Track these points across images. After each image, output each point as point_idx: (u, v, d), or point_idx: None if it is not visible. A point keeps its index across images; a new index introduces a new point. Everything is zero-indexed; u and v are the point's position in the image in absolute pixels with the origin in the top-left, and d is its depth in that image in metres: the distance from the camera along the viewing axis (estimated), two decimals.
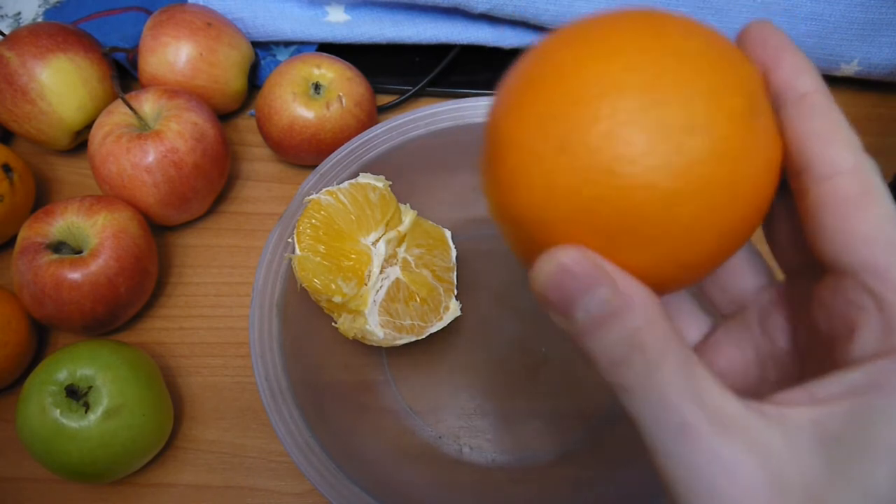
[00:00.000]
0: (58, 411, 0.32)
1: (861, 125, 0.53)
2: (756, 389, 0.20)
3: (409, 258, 0.38)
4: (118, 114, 0.40)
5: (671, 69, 0.16)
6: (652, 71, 0.16)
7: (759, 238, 0.20)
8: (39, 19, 0.52)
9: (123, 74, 0.48)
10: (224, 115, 0.48)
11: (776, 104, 0.17)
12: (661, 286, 0.17)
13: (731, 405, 0.15)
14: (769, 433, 0.15)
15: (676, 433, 0.15)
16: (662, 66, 0.16)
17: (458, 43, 0.48)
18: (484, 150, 0.19)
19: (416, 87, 0.48)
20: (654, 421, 0.16)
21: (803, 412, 0.15)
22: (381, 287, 0.36)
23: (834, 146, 0.16)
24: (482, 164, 0.19)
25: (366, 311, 0.35)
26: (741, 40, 0.19)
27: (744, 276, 0.21)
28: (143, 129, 0.40)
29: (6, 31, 0.46)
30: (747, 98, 0.16)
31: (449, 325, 0.37)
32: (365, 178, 0.37)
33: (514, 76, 0.19)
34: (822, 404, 0.15)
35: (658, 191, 0.15)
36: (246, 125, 0.48)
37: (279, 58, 0.49)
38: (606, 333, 0.16)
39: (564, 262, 0.16)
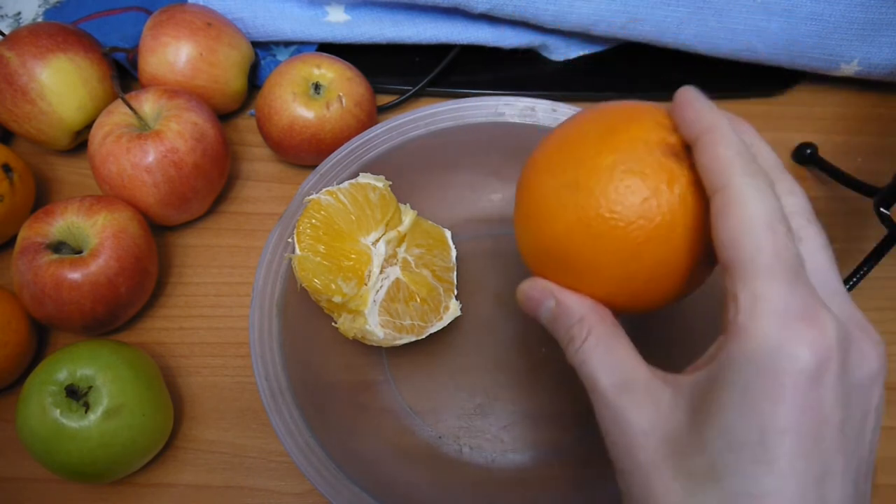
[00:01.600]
0: (58, 411, 0.32)
1: (861, 125, 0.53)
2: None
3: (409, 258, 0.38)
4: (118, 114, 0.40)
5: (586, 156, 0.24)
6: (571, 162, 0.25)
7: None
8: (39, 19, 0.52)
9: (123, 74, 0.48)
10: (224, 115, 0.48)
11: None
12: (623, 308, 0.25)
13: (639, 373, 0.23)
14: (661, 393, 0.22)
15: (595, 395, 0.23)
16: (582, 156, 0.25)
17: (458, 43, 0.48)
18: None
19: (416, 87, 0.48)
20: (588, 388, 0.24)
21: (685, 377, 0.22)
22: (381, 287, 0.36)
23: (713, 171, 0.22)
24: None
25: (366, 311, 0.35)
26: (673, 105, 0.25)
27: None
28: (143, 129, 0.40)
29: (6, 31, 0.46)
30: (645, 155, 0.24)
31: (449, 325, 0.37)
32: (365, 178, 0.37)
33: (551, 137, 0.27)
34: (694, 371, 0.22)
35: (572, 240, 0.24)
36: (246, 125, 0.49)
37: (279, 58, 0.49)
38: (554, 328, 0.26)
39: (524, 288, 0.27)
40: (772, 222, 0.21)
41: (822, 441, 0.19)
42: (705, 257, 0.24)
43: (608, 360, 0.23)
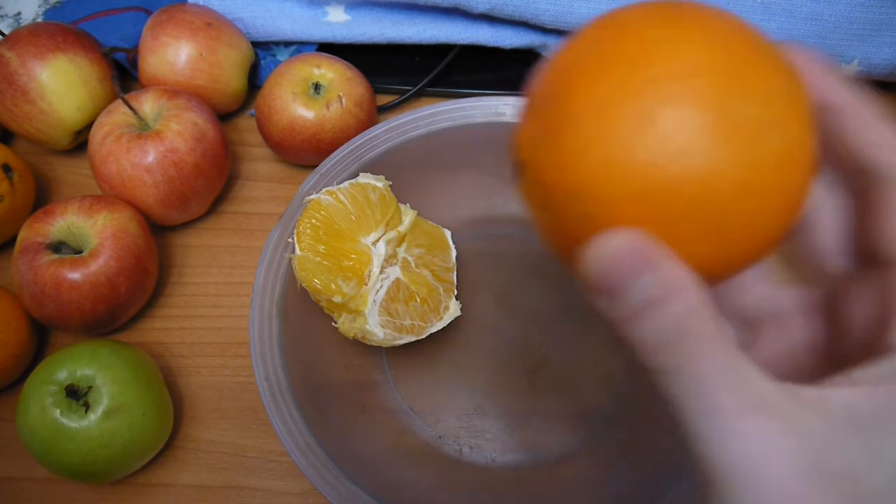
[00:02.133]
0: (58, 411, 0.32)
1: None
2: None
3: (409, 258, 0.38)
4: (118, 114, 0.40)
5: (749, 65, 0.16)
6: (731, 63, 0.16)
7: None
8: (39, 19, 0.52)
9: (123, 74, 0.48)
10: (224, 115, 0.48)
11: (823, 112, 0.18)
12: (710, 278, 0.17)
13: (769, 389, 0.16)
14: (805, 415, 0.15)
15: (713, 416, 0.15)
16: (742, 60, 0.16)
17: (458, 43, 0.48)
18: (537, 116, 0.18)
19: (416, 87, 0.48)
20: (693, 405, 0.16)
21: (840, 395, 0.15)
22: (381, 287, 0.36)
23: (876, 147, 0.18)
24: (530, 131, 0.18)
25: (366, 311, 0.35)
26: None
27: (761, 284, 0.22)
28: (143, 129, 0.40)
29: (6, 31, 0.46)
30: (809, 105, 0.17)
31: (449, 325, 0.37)
32: (365, 178, 0.37)
33: (588, 38, 0.18)
34: (859, 389, 0.16)
35: (728, 182, 0.16)
36: (246, 125, 0.48)
37: (279, 58, 0.49)
38: (654, 316, 0.16)
39: (621, 245, 0.16)
40: None
41: None
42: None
43: (730, 367, 0.16)
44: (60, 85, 0.42)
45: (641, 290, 0.16)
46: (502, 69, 0.50)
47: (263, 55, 0.50)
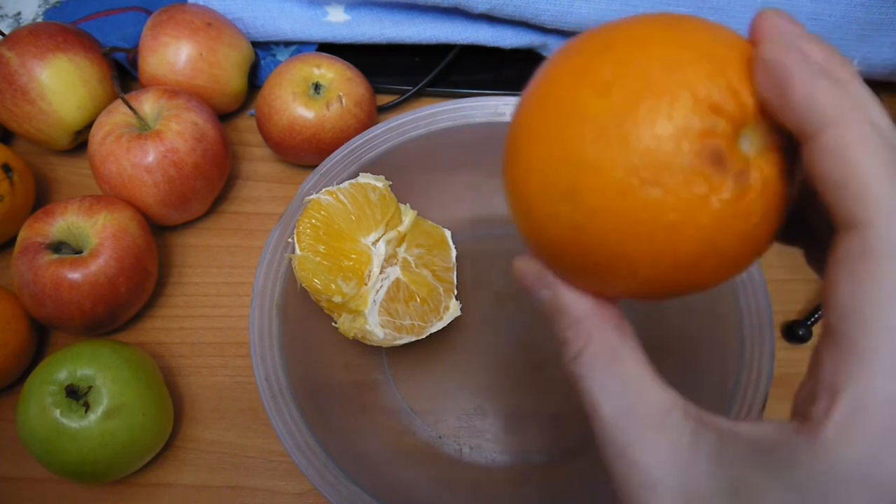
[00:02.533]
0: (58, 411, 0.32)
1: None
2: None
3: (409, 258, 0.38)
4: (118, 114, 0.40)
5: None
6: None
7: None
8: (39, 19, 0.52)
9: (123, 74, 0.48)
10: (224, 115, 0.48)
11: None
12: (616, 297, 0.20)
13: (652, 399, 0.18)
14: (681, 431, 0.17)
15: (594, 422, 0.18)
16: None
17: (458, 43, 0.48)
18: (511, 132, 0.20)
19: (416, 87, 0.48)
20: (586, 409, 0.19)
21: (727, 424, 0.17)
22: (381, 287, 0.36)
23: (849, 199, 0.15)
24: (508, 141, 0.20)
25: (366, 311, 0.35)
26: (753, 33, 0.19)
27: None
28: (143, 129, 0.40)
29: (6, 31, 0.46)
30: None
31: (449, 325, 0.37)
32: (365, 178, 0.37)
33: (530, 100, 0.20)
34: (743, 422, 0.16)
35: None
36: (246, 125, 0.48)
37: (279, 58, 0.49)
38: (550, 322, 0.20)
39: (519, 266, 0.21)
40: None
41: None
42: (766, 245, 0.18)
43: (611, 378, 0.18)
44: (60, 85, 0.42)
45: (540, 301, 0.20)
46: (502, 69, 0.50)
47: (263, 55, 0.50)
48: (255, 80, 0.48)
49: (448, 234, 0.40)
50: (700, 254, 0.17)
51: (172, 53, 0.43)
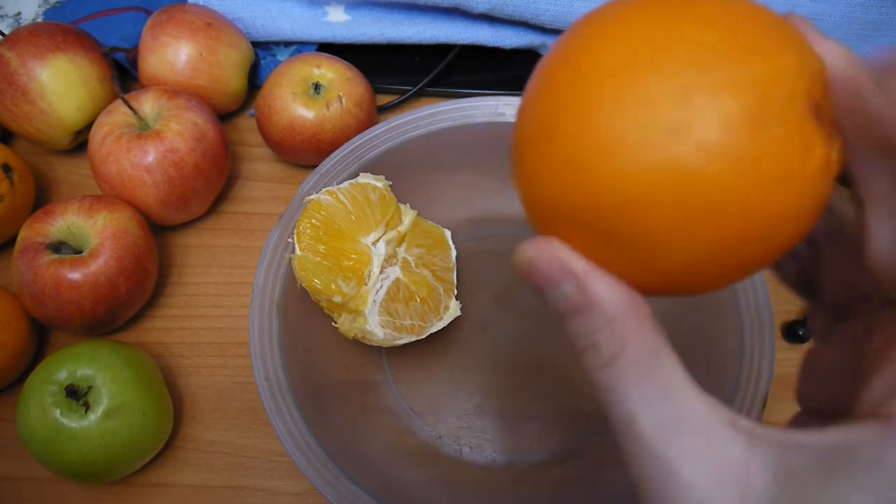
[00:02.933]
0: (58, 411, 0.32)
1: None
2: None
3: (409, 258, 0.38)
4: (118, 114, 0.40)
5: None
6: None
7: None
8: (39, 19, 0.52)
9: (123, 74, 0.48)
10: (224, 115, 0.48)
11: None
12: (647, 289, 0.17)
13: (696, 409, 0.15)
14: (730, 443, 0.15)
15: (629, 437, 0.16)
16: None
17: (458, 43, 0.48)
18: (521, 123, 0.18)
19: (416, 87, 0.48)
20: (616, 423, 0.16)
21: (777, 434, 0.15)
22: (381, 287, 0.36)
23: None
24: (518, 134, 0.18)
25: (366, 311, 0.35)
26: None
27: None
28: (143, 129, 0.40)
29: (6, 31, 0.46)
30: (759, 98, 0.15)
31: (449, 325, 0.37)
32: (365, 178, 0.37)
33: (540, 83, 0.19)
34: (796, 432, 0.15)
35: (648, 196, 0.15)
36: (246, 125, 0.48)
37: (279, 58, 0.49)
38: (571, 324, 0.17)
39: (530, 254, 0.17)
40: None
41: None
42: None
43: (652, 389, 0.16)
44: (60, 85, 0.42)
45: (557, 298, 0.17)
46: (502, 69, 0.50)
47: (263, 55, 0.50)
48: (255, 80, 0.48)
49: (448, 234, 0.40)
50: (770, 220, 0.15)
51: (172, 53, 0.43)
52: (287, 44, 0.50)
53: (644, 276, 0.17)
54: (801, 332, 0.40)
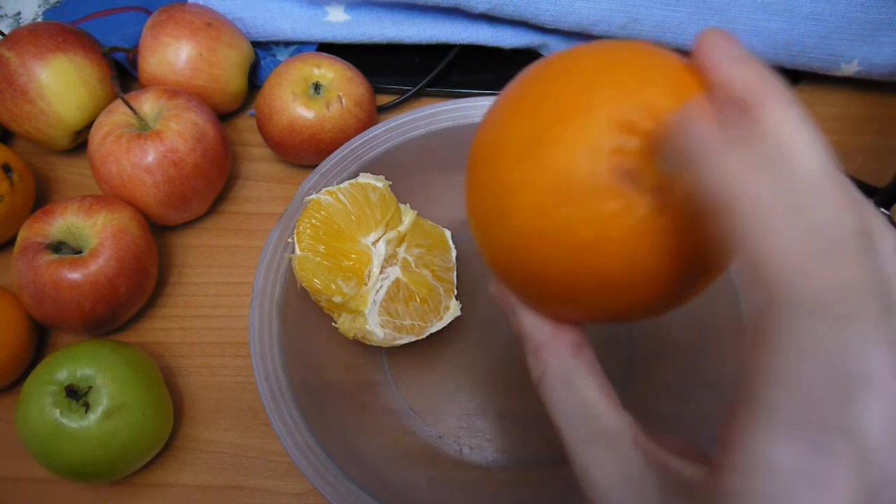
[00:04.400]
0: (58, 411, 0.32)
1: (861, 125, 0.53)
2: None
3: (409, 258, 0.38)
4: (118, 114, 0.40)
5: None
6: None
7: None
8: (39, 19, 0.52)
9: (123, 74, 0.48)
10: (224, 115, 0.48)
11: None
12: (575, 320, 0.20)
13: (608, 423, 0.19)
14: (631, 458, 0.18)
15: (560, 437, 0.20)
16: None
17: (458, 43, 0.48)
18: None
19: (416, 87, 0.48)
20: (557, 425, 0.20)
21: (671, 461, 0.17)
22: (380, 287, 0.36)
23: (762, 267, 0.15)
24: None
25: (366, 311, 0.35)
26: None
27: None
28: (143, 129, 0.40)
29: (6, 31, 0.46)
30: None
31: (449, 325, 0.37)
32: (365, 178, 0.37)
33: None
34: (683, 461, 0.17)
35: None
36: (246, 125, 0.48)
37: (279, 58, 0.49)
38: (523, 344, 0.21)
39: (492, 292, 0.22)
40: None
41: None
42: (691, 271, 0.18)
43: (568, 402, 0.20)
44: (60, 85, 0.42)
45: (512, 324, 0.21)
46: (502, 69, 0.50)
47: (263, 55, 0.50)
48: (255, 80, 0.48)
49: (448, 234, 0.40)
50: (628, 272, 0.17)
51: (172, 53, 0.43)
52: (287, 44, 0.50)
53: (563, 314, 0.20)
54: None
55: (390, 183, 0.37)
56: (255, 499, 0.36)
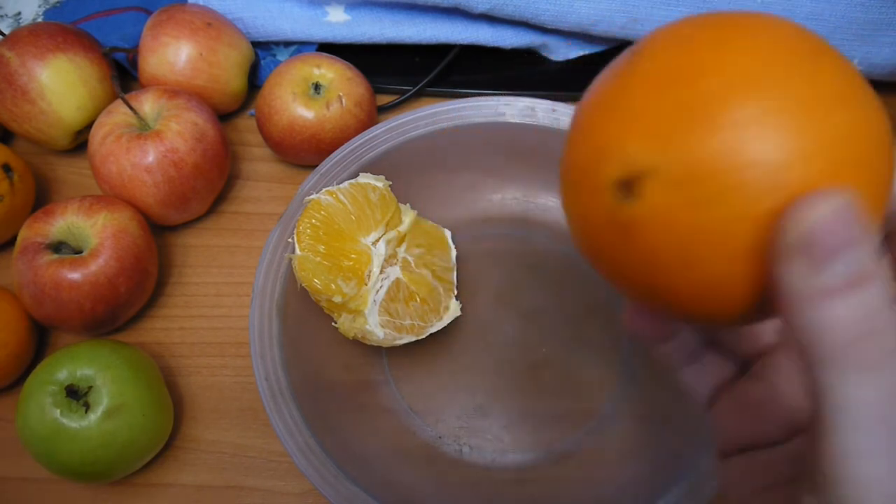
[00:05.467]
0: (58, 411, 0.32)
1: None
2: None
3: (409, 258, 0.38)
4: (118, 114, 0.40)
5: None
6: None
7: None
8: (39, 19, 0.52)
9: (123, 74, 0.48)
10: (224, 115, 0.48)
11: None
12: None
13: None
14: None
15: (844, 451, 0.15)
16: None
17: (458, 43, 0.48)
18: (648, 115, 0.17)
19: (416, 87, 0.48)
20: (832, 420, 0.15)
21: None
22: (381, 287, 0.36)
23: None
24: (646, 129, 0.17)
25: (366, 311, 0.35)
26: None
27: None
28: (143, 129, 0.40)
29: (6, 31, 0.46)
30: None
31: (449, 325, 0.37)
32: (365, 178, 0.37)
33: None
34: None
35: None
36: (246, 125, 0.48)
37: (279, 58, 0.49)
38: (850, 300, 0.14)
39: (842, 205, 0.14)
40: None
41: None
42: None
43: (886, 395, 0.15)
44: (60, 85, 0.42)
45: (850, 263, 0.14)
46: (502, 69, 0.50)
47: (263, 55, 0.50)
48: (255, 80, 0.48)
49: (448, 234, 0.40)
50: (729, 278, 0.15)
51: (172, 53, 0.43)
52: (287, 44, 0.50)
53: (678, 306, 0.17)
54: None
55: (390, 183, 0.37)
56: (255, 499, 0.36)
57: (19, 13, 0.53)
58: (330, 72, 0.43)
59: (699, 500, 0.30)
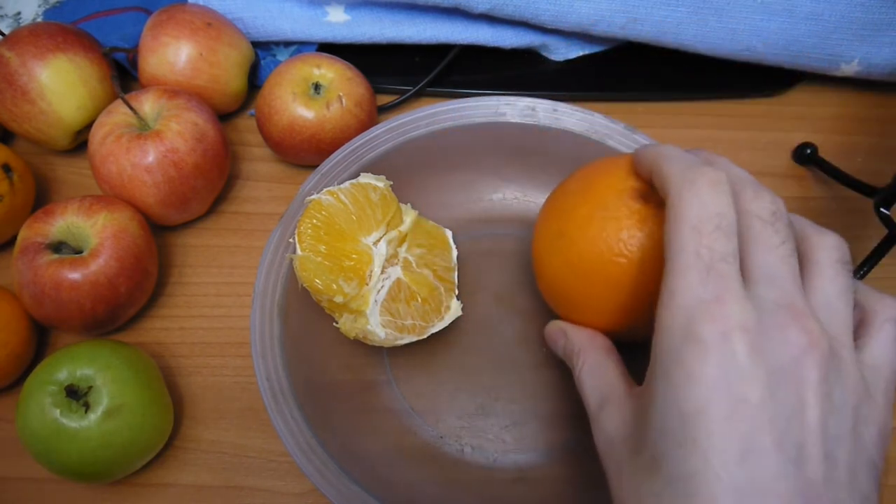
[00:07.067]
0: (58, 411, 0.32)
1: (861, 125, 0.53)
2: None
3: (411, 258, 0.38)
4: (118, 114, 0.40)
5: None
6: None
7: None
8: (39, 19, 0.52)
9: (123, 74, 0.48)
10: (224, 115, 0.48)
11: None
12: (617, 333, 0.31)
13: (618, 390, 0.26)
14: (628, 405, 0.25)
15: (587, 409, 0.28)
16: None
17: (458, 43, 0.48)
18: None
19: (416, 87, 0.48)
20: (583, 402, 0.29)
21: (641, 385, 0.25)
22: (382, 287, 0.36)
23: (661, 189, 0.26)
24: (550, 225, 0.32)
25: (367, 312, 0.35)
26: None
27: None
28: (143, 129, 0.40)
29: (6, 31, 0.46)
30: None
31: (450, 325, 0.37)
32: (366, 178, 0.37)
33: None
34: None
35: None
36: (246, 125, 0.48)
37: (279, 58, 0.49)
38: (566, 359, 0.31)
39: (546, 331, 0.33)
40: (699, 224, 0.22)
41: (738, 419, 0.20)
42: None
43: (595, 382, 0.28)
44: (60, 85, 0.42)
45: (559, 349, 0.32)
46: (502, 69, 0.50)
47: (263, 55, 0.50)
48: (255, 80, 0.48)
49: (449, 234, 0.40)
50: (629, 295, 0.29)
51: (172, 53, 0.43)
52: (287, 44, 0.50)
53: (597, 321, 0.31)
54: None
55: (391, 183, 0.37)
56: (255, 499, 0.36)
57: (19, 13, 0.53)
58: (330, 72, 0.43)
59: None
